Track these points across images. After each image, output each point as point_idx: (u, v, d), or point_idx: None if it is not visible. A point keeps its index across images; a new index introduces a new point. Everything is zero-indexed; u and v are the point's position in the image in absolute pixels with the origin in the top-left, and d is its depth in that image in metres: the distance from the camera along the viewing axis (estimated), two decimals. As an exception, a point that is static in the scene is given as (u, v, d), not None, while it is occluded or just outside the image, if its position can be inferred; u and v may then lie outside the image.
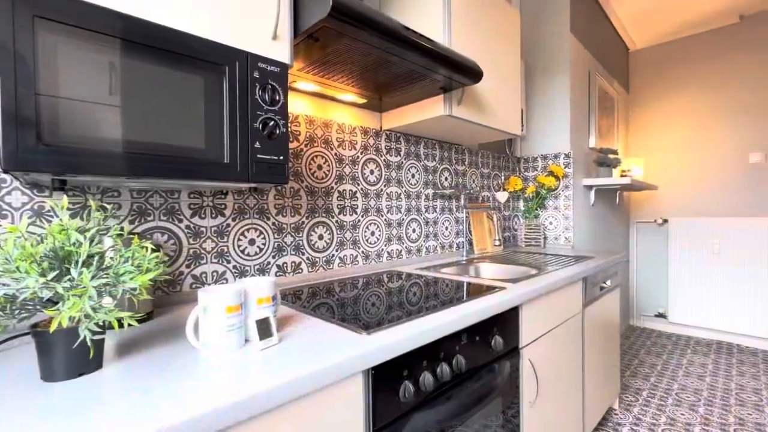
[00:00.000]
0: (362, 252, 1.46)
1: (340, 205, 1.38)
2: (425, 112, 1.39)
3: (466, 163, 1.99)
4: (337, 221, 1.37)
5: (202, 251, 1.03)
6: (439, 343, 0.83)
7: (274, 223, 1.19)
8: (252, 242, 1.14)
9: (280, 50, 0.85)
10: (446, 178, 1.86)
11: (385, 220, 1.55)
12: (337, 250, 1.37)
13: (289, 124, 1.21)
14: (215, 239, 1.05)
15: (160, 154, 0.67)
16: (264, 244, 1.16)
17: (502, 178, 2.24)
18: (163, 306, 0.95)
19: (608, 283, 1.81)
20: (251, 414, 0.50)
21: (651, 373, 2.46)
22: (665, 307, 3.29)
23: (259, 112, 0.80)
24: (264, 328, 0.66)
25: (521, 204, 2.36)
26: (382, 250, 1.54)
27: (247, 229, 1.13)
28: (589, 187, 2.47)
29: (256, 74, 0.80)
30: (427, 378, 0.77)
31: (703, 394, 2.18)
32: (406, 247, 1.64)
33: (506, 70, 1.63)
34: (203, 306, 0.62)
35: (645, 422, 1.89)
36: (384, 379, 0.70)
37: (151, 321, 0.83)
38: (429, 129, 1.57)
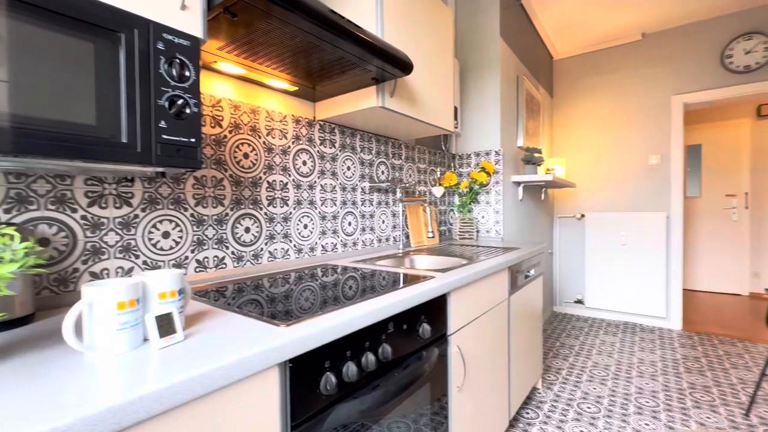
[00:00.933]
0: (295, 246, 1.41)
1: (270, 196, 1.32)
2: (358, 102, 1.37)
3: (402, 157, 2.01)
4: (266, 213, 1.30)
5: (103, 245, 0.91)
6: (365, 333, 0.82)
7: (193, 215, 1.10)
8: (166, 235, 1.04)
9: (190, 22, 0.78)
10: (383, 172, 1.87)
11: (320, 212, 1.51)
12: (266, 244, 1.31)
13: (206, 106, 1.12)
14: (120, 232, 0.94)
15: (34, 128, 0.57)
16: (181, 238, 1.07)
17: (438, 173, 2.31)
18: (51, 308, 0.83)
19: (532, 272, 1.95)
20: (136, 419, 0.44)
21: (570, 353, 2.70)
22: (583, 293, 3.64)
23: (164, 89, 0.72)
24: (165, 325, 0.60)
25: (456, 199, 2.45)
26: (317, 243, 1.50)
27: (160, 221, 1.02)
28: (518, 184, 2.63)
29: (160, 46, 0.72)
30: (350, 369, 0.76)
31: (611, 369, 2.44)
32: (341, 240, 1.62)
33: (440, 67, 1.67)
34: (88, 302, 0.55)
35: (563, 398, 2.07)
36: (303, 371, 0.67)
37: (30, 324, 0.71)
38: (364, 121, 1.55)
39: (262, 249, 1.29)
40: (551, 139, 3.73)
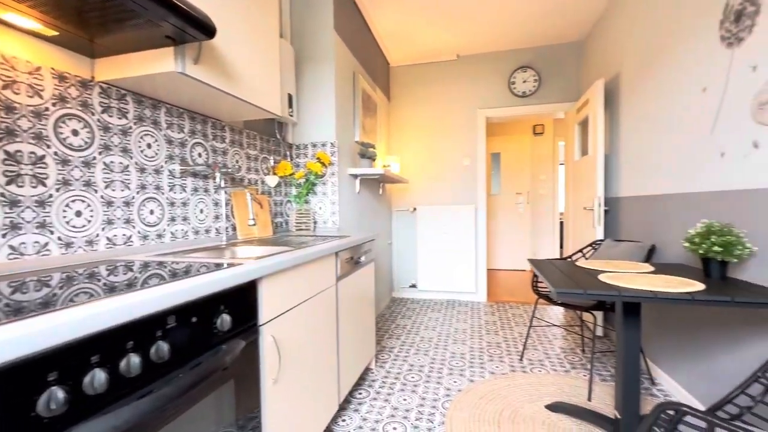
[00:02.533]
0: (60, 238, 1.09)
1: (11, 171, 0.98)
2: (152, 65, 1.15)
3: (227, 140, 1.82)
4: (2, 194, 0.96)
5: None
6: (127, 332, 0.66)
7: None
8: None
9: None
10: (200, 154, 1.65)
11: (103, 197, 1.21)
12: (4, 236, 0.96)
13: None
14: None
15: None
16: None
17: (272, 162, 2.19)
18: None
19: (363, 258, 2.04)
20: None
21: (402, 332, 2.98)
22: (416, 279, 4.08)
23: None
24: None
25: (293, 190, 2.38)
26: (98, 236, 1.20)
27: None
28: (354, 176, 2.75)
29: None
30: (97, 377, 0.60)
31: (433, 341, 2.79)
32: (139, 232, 1.34)
33: (264, 42, 1.57)
34: None
35: (392, 373, 2.25)
36: (6, 389, 0.49)
37: None
38: (168, 91, 1.33)
39: (-4, 242, 0.95)
40: (389, 138, 4.05)
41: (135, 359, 0.66)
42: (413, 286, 4.06)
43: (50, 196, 1.07)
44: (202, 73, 1.22)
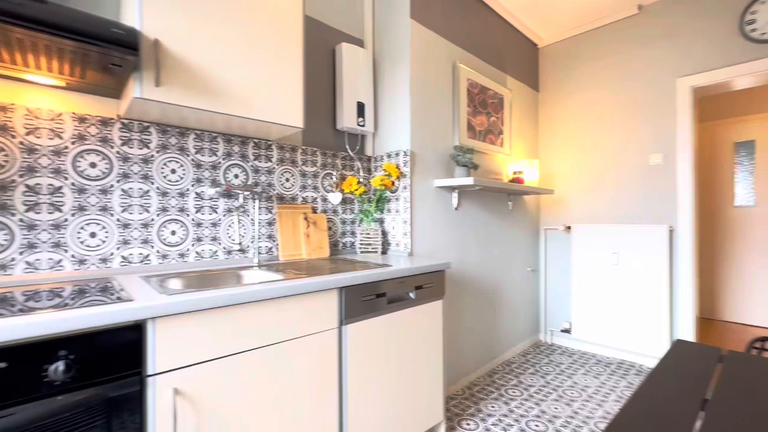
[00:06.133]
0: (74, 256, 1.27)
1: (30, 201, 1.20)
2: (129, 95, 1.21)
3: (274, 159, 1.79)
4: (22, 220, 1.18)
5: None
6: None
7: None
8: None
9: None
10: (236, 176, 1.67)
11: (118, 219, 1.36)
12: (22, 254, 1.18)
13: None
14: None
15: None
16: None
17: (335, 177, 2.04)
18: None
19: (411, 295, 1.59)
20: None
21: (518, 396, 2.21)
22: (570, 321, 3.03)
23: None
24: None
25: (364, 207, 2.15)
26: (112, 254, 1.35)
27: None
28: (450, 189, 2.25)
29: None
30: None
31: (556, 423, 1.92)
32: (158, 251, 1.45)
33: (273, 46, 1.45)
34: None
35: (461, 456, 1.65)
36: None
37: None
38: (182, 118, 1.38)
39: (13, 259, 1.17)
40: (529, 137, 3.21)
41: None
42: (566, 331, 3.02)
43: (65, 220, 1.26)
44: (168, 94, 1.19)
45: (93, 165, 1.31)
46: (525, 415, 1.99)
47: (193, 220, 1.54)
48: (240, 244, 1.67)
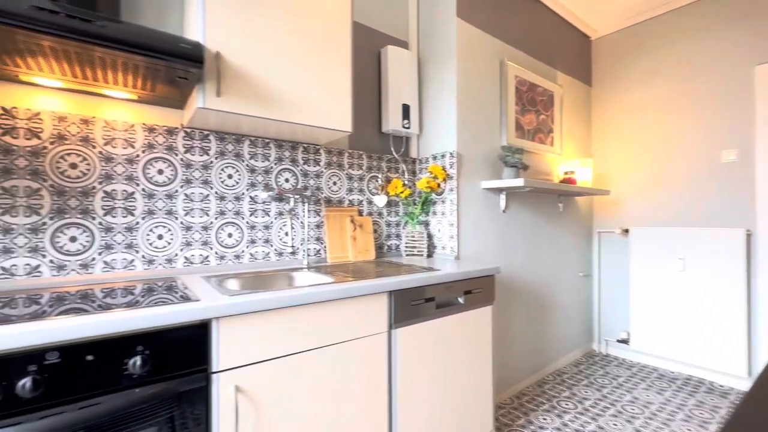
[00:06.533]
0: (144, 257, 1.37)
1: (108, 206, 1.31)
2: (192, 106, 1.28)
3: (322, 163, 1.83)
4: (101, 223, 1.29)
5: None
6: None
7: (-3, 224, 1.14)
8: (-39, 242, 1.09)
9: None
10: (287, 180, 1.72)
11: (182, 222, 1.45)
12: (100, 254, 1.29)
13: (20, 120, 1.13)
14: None
15: None
16: (-19, 245, 1.12)
17: (380, 180, 2.04)
18: None
19: (460, 300, 1.56)
20: None
21: (572, 409, 2.09)
22: (627, 331, 2.82)
23: None
24: None
25: (409, 209, 2.13)
26: (176, 255, 1.44)
27: (-46, 229, 1.08)
28: (498, 191, 2.18)
29: None
30: (-66, 402, 0.66)
31: (615, 440, 1.80)
32: (216, 252, 1.52)
33: (322, 52, 1.47)
34: None
35: (513, 469, 1.59)
36: None
37: None
38: (235, 125, 1.45)
39: (93, 259, 1.28)
40: (588, 135, 3.04)
41: (-15, 391, 0.70)
42: (623, 341, 2.82)
43: (137, 223, 1.36)
44: (226, 103, 1.25)
45: (160, 172, 1.41)
46: (581, 430, 1.88)
47: (247, 222, 1.61)
48: (292, 246, 1.72)
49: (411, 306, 1.39)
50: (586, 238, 2.99)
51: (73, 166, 1.25)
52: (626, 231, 2.81)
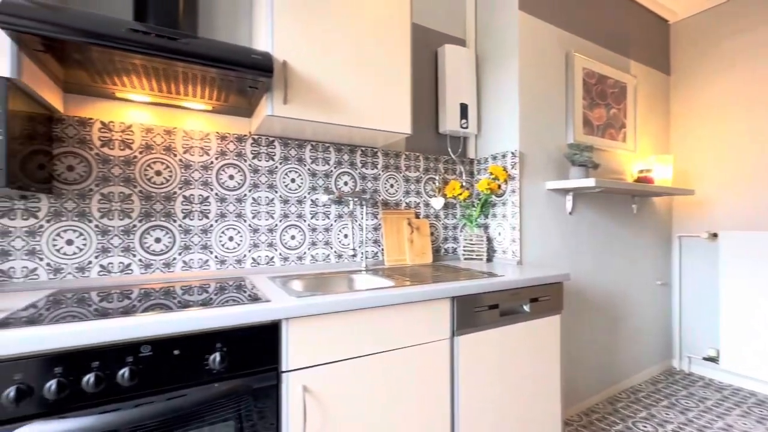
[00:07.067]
0: (216, 257, 1.46)
1: (186, 209, 1.41)
2: (259, 114, 1.34)
3: (379, 166, 1.83)
4: (181, 225, 1.40)
5: (11, 248, 1.16)
6: (89, 353, 0.78)
7: (97, 226, 1.27)
8: (70, 242, 1.23)
9: (-2, 64, 0.92)
10: (345, 183, 1.74)
11: (250, 225, 1.52)
12: (180, 254, 1.40)
13: (115, 132, 1.22)
14: (26, 239, 1.18)
15: None
16: (84, 245, 1.25)
17: (437, 182, 2.00)
18: (-42, 295, 1.09)
19: (525, 308, 1.47)
20: None
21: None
22: (717, 348, 2.50)
23: (-34, 122, 0.88)
24: None
25: (469, 212, 2.07)
26: (245, 256, 1.51)
27: (64, 230, 1.23)
28: (564, 191, 2.04)
29: (-36, 87, 0.88)
30: (53, 386, 0.74)
31: (706, 471, 1.59)
32: (280, 253, 1.58)
33: (382, 56, 1.47)
34: None
35: (585, 493, 1.46)
36: None
37: None
38: (307, 131, 1.49)
39: (174, 258, 1.39)
40: (665, 130, 2.75)
41: (91, 379, 0.77)
42: (711, 359, 2.51)
43: (211, 225, 1.45)
44: (293, 110, 1.29)
45: (231, 177, 1.49)
46: (663, 456, 1.70)
47: (309, 225, 1.65)
48: (353, 249, 1.73)
49: (474, 313, 1.33)
50: (665, 242, 2.70)
51: (158, 173, 1.37)
52: (714, 235, 2.50)
